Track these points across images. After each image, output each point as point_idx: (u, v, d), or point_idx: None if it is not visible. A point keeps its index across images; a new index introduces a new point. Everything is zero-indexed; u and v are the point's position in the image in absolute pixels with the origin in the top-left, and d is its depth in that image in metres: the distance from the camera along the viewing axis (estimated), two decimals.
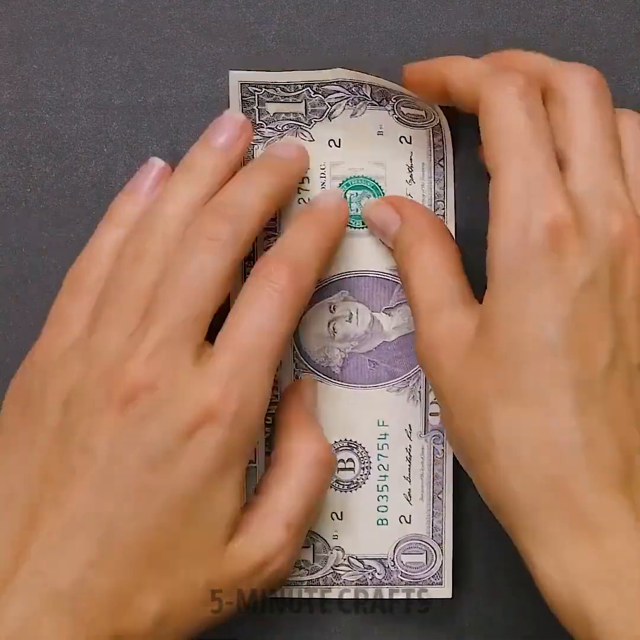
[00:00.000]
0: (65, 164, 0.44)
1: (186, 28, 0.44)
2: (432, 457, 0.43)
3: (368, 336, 0.44)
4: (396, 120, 0.43)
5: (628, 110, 0.40)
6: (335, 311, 0.44)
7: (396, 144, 0.43)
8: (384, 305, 0.44)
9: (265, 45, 0.44)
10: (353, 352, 0.44)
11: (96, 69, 0.44)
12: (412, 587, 0.43)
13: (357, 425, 0.44)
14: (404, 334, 0.44)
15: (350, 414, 0.44)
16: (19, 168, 0.44)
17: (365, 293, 0.43)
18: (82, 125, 0.44)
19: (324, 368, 0.44)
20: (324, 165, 0.43)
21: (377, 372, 0.44)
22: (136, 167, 0.44)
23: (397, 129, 0.43)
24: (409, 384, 0.43)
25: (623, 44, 0.44)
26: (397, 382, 0.44)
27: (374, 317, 0.44)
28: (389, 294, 0.44)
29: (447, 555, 0.43)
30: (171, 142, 0.44)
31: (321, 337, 0.44)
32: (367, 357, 0.44)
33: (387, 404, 0.44)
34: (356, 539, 0.44)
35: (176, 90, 0.44)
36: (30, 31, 0.44)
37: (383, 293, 0.44)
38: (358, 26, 0.44)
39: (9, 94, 0.44)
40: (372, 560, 0.44)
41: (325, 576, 0.44)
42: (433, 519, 0.43)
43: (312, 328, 0.44)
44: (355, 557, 0.44)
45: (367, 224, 0.43)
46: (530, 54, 0.40)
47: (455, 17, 0.44)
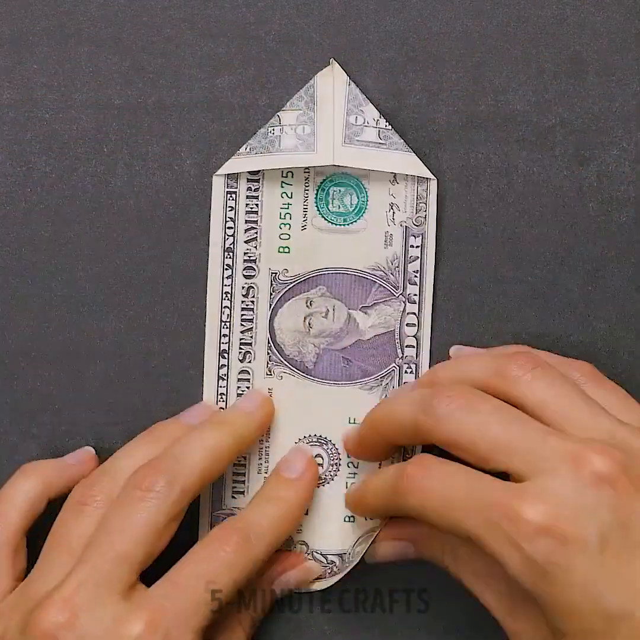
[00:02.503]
0: (65, 164, 0.44)
1: (186, 28, 0.44)
2: (402, 456, 0.43)
3: (343, 333, 0.44)
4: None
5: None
6: (311, 306, 0.44)
7: None
8: (360, 304, 0.44)
9: (265, 45, 0.44)
10: (327, 349, 0.44)
11: (96, 69, 0.44)
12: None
13: (328, 421, 0.44)
14: (380, 333, 0.44)
15: (321, 410, 0.44)
16: (19, 168, 0.44)
17: (343, 290, 0.44)
18: (82, 125, 0.44)
19: (297, 363, 0.44)
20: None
21: (351, 369, 0.44)
22: (136, 167, 0.44)
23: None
24: (382, 382, 0.44)
25: (623, 44, 0.44)
26: (370, 381, 0.44)
27: (350, 314, 0.44)
28: (367, 293, 0.44)
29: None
30: (171, 142, 0.44)
31: (296, 332, 0.44)
32: (342, 354, 0.44)
33: (359, 401, 0.44)
34: (321, 535, 0.44)
35: (176, 90, 0.44)
36: (30, 31, 0.44)
37: (360, 291, 0.44)
38: (358, 26, 0.44)
39: (9, 94, 0.44)
40: (335, 555, 0.44)
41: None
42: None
43: (287, 322, 0.44)
44: (319, 552, 0.44)
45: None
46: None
47: (455, 17, 0.44)
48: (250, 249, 0.44)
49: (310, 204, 0.44)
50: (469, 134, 0.44)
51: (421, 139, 0.44)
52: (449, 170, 0.44)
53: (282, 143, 0.42)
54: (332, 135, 0.42)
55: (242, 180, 0.43)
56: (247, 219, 0.43)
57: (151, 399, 0.44)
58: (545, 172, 0.44)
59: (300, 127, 0.42)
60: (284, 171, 0.43)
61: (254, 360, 0.44)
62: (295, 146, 0.42)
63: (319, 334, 0.44)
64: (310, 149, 0.42)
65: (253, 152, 0.42)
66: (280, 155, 0.42)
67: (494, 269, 0.44)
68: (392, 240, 0.43)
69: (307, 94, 0.43)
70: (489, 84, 0.44)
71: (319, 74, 0.43)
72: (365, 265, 0.44)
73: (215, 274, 0.44)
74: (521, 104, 0.44)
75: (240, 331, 0.44)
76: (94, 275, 0.44)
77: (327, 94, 0.43)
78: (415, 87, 0.44)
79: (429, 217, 0.43)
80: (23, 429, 0.44)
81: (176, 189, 0.44)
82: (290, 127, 0.42)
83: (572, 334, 0.44)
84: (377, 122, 0.43)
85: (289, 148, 0.42)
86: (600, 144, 0.44)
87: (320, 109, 0.42)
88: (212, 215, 0.44)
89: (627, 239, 0.44)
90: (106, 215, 0.44)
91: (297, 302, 0.44)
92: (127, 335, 0.44)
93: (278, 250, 0.44)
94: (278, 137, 0.42)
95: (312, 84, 0.43)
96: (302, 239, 0.44)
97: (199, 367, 0.44)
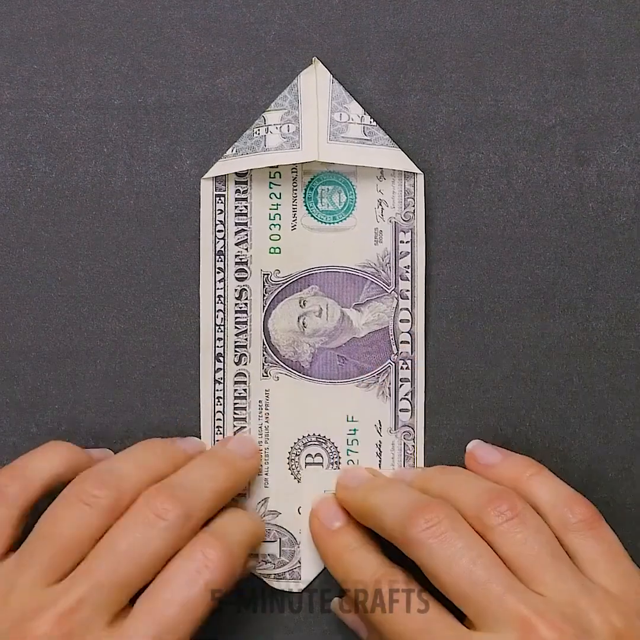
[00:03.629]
0: (65, 164, 0.44)
1: (186, 28, 0.44)
2: (402, 452, 0.43)
3: (337, 332, 0.44)
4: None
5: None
6: (305, 306, 0.44)
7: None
8: (353, 301, 0.44)
9: (265, 45, 0.44)
10: (322, 348, 0.44)
11: (96, 69, 0.44)
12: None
13: (326, 420, 0.44)
14: (374, 330, 0.44)
15: (319, 409, 0.44)
16: (19, 168, 0.44)
17: (335, 288, 0.44)
18: (82, 125, 0.44)
19: (293, 363, 0.44)
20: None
21: (347, 367, 0.44)
22: (136, 167, 0.44)
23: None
24: (378, 379, 0.44)
25: (623, 44, 0.44)
26: (367, 378, 0.44)
27: (343, 312, 0.44)
28: (359, 290, 0.44)
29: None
30: (171, 142, 0.44)
31: (291, 332, 0.44)
32: (337, 353, 0.44)
33: (356, 399, 0.44)
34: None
35: (176, 90, 0.44)
36: (30, 31, 0.44)
37: (353, 289, 0.44)
38: (358, 26, 0.44)
39: (9, 94, 0.44)
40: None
41: (292, 570, 0.44)
42: None
43: (281, 322, 0.44)
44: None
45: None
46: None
47: (455, 17, 0.44)
48: (242, 251, 0.44)
49: (299, 203, 0.44)
50: (469, 134, 0.44)
51: (421, 139, 0.44)
52: (449, 170, 0.44)
53: (268, 143, 0.42)
54: (316, 133, 0.42)
55: (230, 183, 0.43)
56: (236, 221, 0.43)
57: (151, 399, 0.44)
58: (545, 172, 0.44)
59: (285, 126, 0.42)
60: (272, 172, 0.43)
61: (249, 362, 0.44)
62: (280, 145, 0.42)
63: (313, 334, 0.44)
64: (296, 147, 0.42)
65: (239, 153, 0.42)
66: (266, 155, 0.42)
67: (494, 269, 0.44)
68: (381, 236, 0.43)
69: (290, 93, 0.43)
70: (489, 84, 0.44)
71: (302, 72, 0.43)
72: (357, 262, 0.44)
73: (207, 278, 0.44)
74: (521, 104, 0.44)
75: (235, 334, 0.44)
76: (93, 275, 0.44)
77: (310, 92, 0.43)
78: (415, 87, 0.44)
79: (418, 212, 0.43)
80: (23, 429, 0.44)
81: (176, 189, 0.44)
82: (275, 126, 0.42)
83: (572, 334, 0.44)
84: (361, 118, 0.43)
85: (274, 147, 0.42)
86: (600, 144, 0.44)
87: (305, 107, 0.42)
88: (202, 219, 0.44)
89: (627, 239, 0.44)
90: (106, 215, 0.44)
91: (290, 302, 0.44)
92: (127, 335, 0.44)
93: (269, 251, 0.44)
94: (263, 137, 0.42)
95: (296, 82, 0.43)
96: (292, 239, 0.44)
97: (199, 367, 0.44)
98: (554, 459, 0.44)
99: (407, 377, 0.44)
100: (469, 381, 0.44)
